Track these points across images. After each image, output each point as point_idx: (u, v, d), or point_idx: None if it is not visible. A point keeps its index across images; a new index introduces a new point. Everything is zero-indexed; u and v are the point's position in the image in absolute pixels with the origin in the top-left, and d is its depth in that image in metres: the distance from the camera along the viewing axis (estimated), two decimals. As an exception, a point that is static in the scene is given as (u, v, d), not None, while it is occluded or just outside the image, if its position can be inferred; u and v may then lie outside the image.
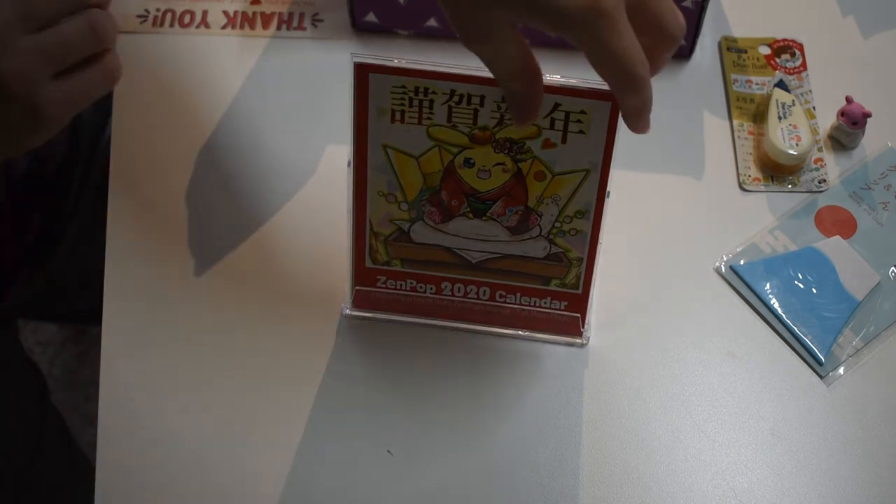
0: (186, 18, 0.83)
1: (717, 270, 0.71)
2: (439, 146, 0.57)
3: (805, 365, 0.67)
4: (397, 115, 0.56)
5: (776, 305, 0.69)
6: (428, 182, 0.59)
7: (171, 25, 0.83)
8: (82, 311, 0.97)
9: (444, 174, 0.58)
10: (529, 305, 0.64)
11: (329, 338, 0.67)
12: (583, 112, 0.55)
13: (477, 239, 0.61)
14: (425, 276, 0.63)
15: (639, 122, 0.53)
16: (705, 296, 0.70)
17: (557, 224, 0.60)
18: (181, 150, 0.76)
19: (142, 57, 0.81)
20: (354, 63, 0.55)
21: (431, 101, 0.56)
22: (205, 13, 0.84)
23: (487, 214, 0.60)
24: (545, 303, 0.64)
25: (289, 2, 0.84)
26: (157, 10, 0.84)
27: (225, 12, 0.84)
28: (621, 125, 0.55)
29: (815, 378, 0.67)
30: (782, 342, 0.68)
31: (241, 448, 0.64)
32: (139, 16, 0.83)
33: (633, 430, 0.65)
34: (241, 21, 0.83)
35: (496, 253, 0.61)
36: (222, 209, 0.73)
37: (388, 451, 0.64)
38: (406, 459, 0.64)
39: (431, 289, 0.64)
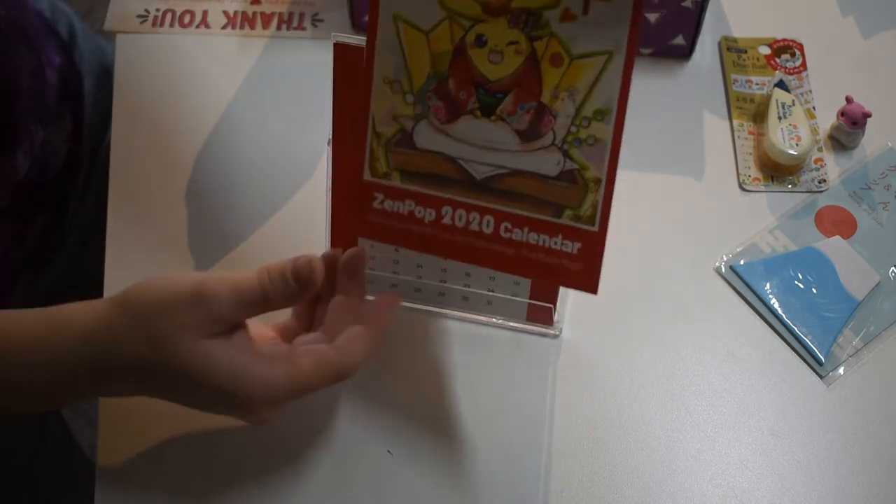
0: (186, 18, 0.83)
1: (717, 270, 0.71)
2: (451, 18, 0.52)
3: (805, 365, 0.67)
4: None
5: (776, 305, 0.69)
6: (436, 65, 0.54)
7: (171, 25, 0.83)
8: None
9: (454, 56, 0.53)
10: (538, 245, 0.56)
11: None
12: None
13: (483, 147, 0.55)
14: (426, 196, 0.57)
15: None
16: (705, 296, 0.70)
17: (573, 128, 0.53)
18: (181, 151, 0.76)
19: (142, 57, 0.81)
20: None
21: None
22: (205, 13, 0.84)
23: (497, 112, 0.54)
24: (556, 242, 0.56)
25: (289, 2, 0.84)
26: (157, 10, 0.84)
27: (225, 12, 0.84)
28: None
29: (815, 378, 0.67)
30: (782, 342, 0.68)
31: (240, 447, 0.64)
32: (139, 16, 0.83)
33: (632, 430, 0.65)
34: (241, 21, 0.83)
35: (503, 168, 0.55)
36: (222, 209, 0.73)
37: (388, 452, 0.64)
38: (404, 458, 0.64)
39: (431, 214, 0.57)
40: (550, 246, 0.56)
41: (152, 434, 0.65)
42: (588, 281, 0.57)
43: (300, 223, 0.72)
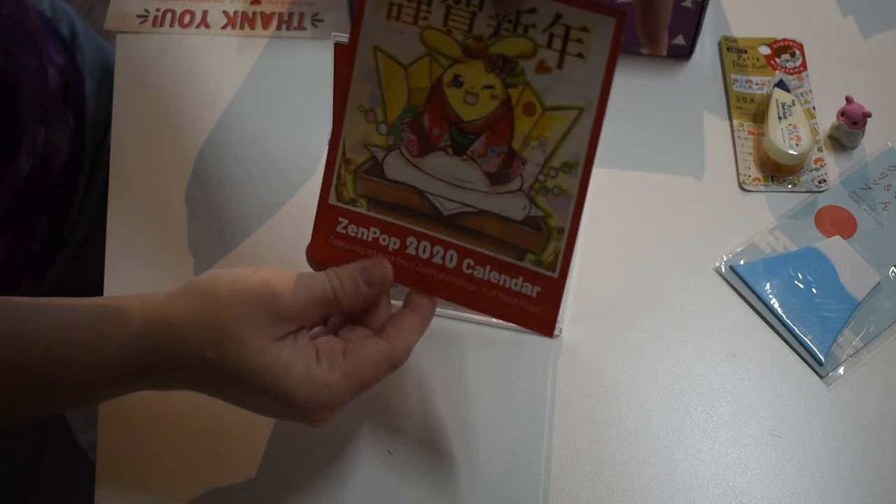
0: (186, 18, 0.83)
1: (717, 270, 0.71)
2: (430, 55, 0.54)
3: (805, 365, 0.67)
4: (394, 11, 0.53)
5: (776, 305, 0.69)
6: (412, 100, 0.55)
7: (171, 25, 0.83)
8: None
9: (430, 93, 0.54)
10: (498, 283, 0.57)
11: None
12: (584, 29, 0.51)
13: (452, 184, 0.56)
14: (390, 225, 0.57)
15: (658, 35, 0.51)
16: (705, 296, 0.70)
17: (541, 177, 0.54)
18: (181, 150, 0.76)
19: (142, 57, 0.82)
20: None
21: None
22: (205, 13, 0.84)
23: (468, 152, 0.55)
24: (516, 283, 0.56)
25: (289, 2, 0.84)
26: (157, 10, 0.84)
27: (225, 12, 0.84)
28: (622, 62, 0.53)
29: (815, 378, 0.67)
30: (782, 342, 0.68)
31: (240, 447, 0.64)
32: (139, 16, 0.83)
33: (632, 430, 0.65)
34: (241, 21, 0.83)
35: (471, 206, 0.56)
36: (222, 209, 0.73)
37: (388, 452, 0.64)
38: (404, 458, 0.64)
39: (395, 243, 0.57)
40: (511, 287, 0.57)
41: (152, 434, 0.65)
42: (545, 325, 0.57)
43: (300, 223, 0.72)
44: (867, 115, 0.75)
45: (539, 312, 0.57)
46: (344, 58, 0.55)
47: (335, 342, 0.56)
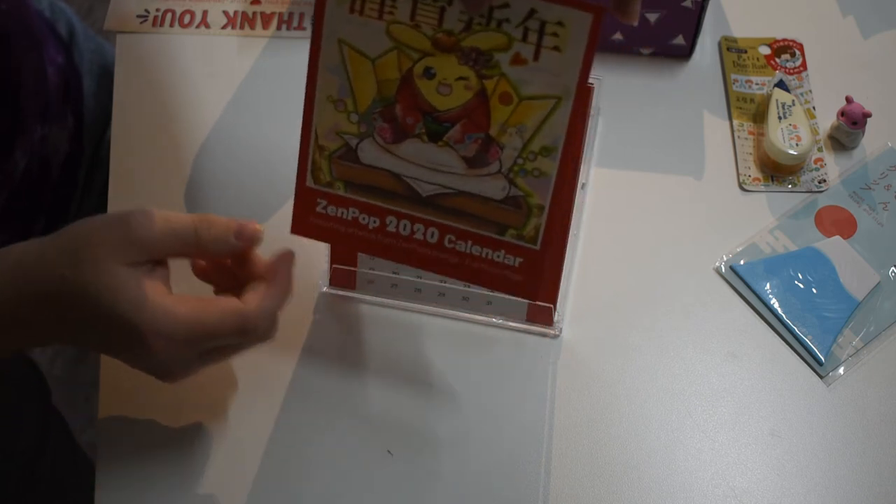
0: (186, 18, 0.83)
1: (717, 270, 0.71)
2: (398, 49, 0.52)
3: (805, 365, 0.67)
4: (357, 5, 0.52)
5: (776, 305, 0.69)
6: (382, 91, 0.54)
7: (171, 25, 0.83)
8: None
9: (401, 84, 0.53)
10: (480, 256, 0.57)
11: (323, 331, 0.68)
12: (560, 24, 0.50)
13: (429, 168, 0.55)
14: (369, 205, 0.57)
15: (630, 3, 0.51)
16: (705, 296, 0.70)
17: (520, 160, 0.54)
18: (181, 150, 0.76)
19: (142, 57, 0.81)
20: None
21: None
22: (205, 13, 0.84)
23: (444, 139, 0.54)
24: (498, 256, 0.57)
25: (288, 2, 0.84)
26: (157, 10, 0.84)
27: (225, 12, 0.84)
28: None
29: (815, 378, 0.67)
30: (782, 342, 0.68)
31: (241, 447, 0.64)
32: (139, 16, 0.83)
33: (632, 430, 0.65)
34: (241, 21, 0.83)
35: (449, 188, 0.56)
36: (222, 209, 0.73)
37: (388, 452, 0.64)
38: (404, 458, 0.64)
39: (375, 222, 0.57)
40: (493, 258, 0.57)
41: (152, 434, 0.65)
42: (529, 291, 0.58)
43: (300, 223, 0.72)
44: (867, 115, 0.75)
45: (522, 280, 0.57)
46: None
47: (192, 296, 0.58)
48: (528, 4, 0.50)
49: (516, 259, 0.56)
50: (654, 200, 0.74)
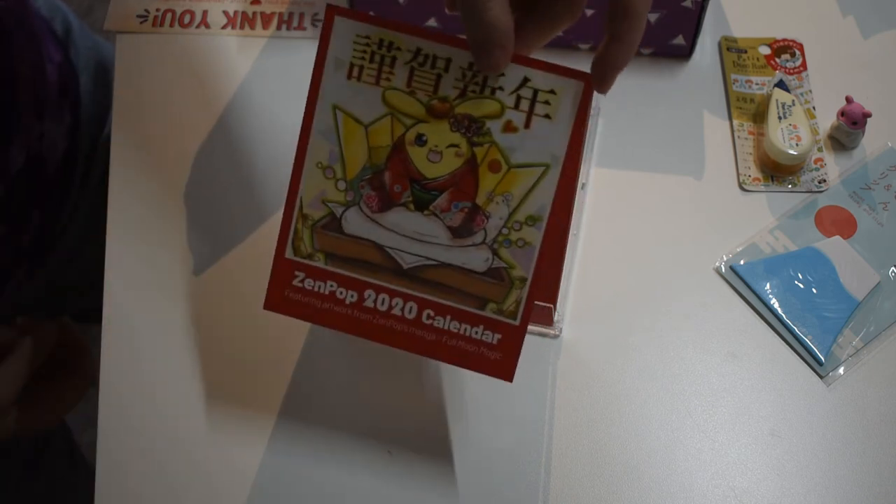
0: (186, 18, 0.83)
1: (717, 270, 0.71)
2: (393, 115, 0.53)
3: (805, 365, 0.67)
4: (355, 71, 0.53)
5: (776, 305, 0.69)
6: (373, 158, 0.54)
7: (171, 25, 0.83)
8: (82, 311, 0.97)
9: (392, 151, 0.54)
10: (458, 332, 0.56)
11: (323, 331, 0.68)
12: (552, 92, 0.52)
13: (413, 238, 0.55)
14: (348, 279, 0.56)
15: (607, 77, 0.51)
16: (705, 296, 0.70)
17: (505, 230, 0.54)
18: (181, 150, 0.76)
19: (142, 57, 0.81)
20: (326, 4, 0.54)
21: (394, 59, 0.52)
22: (205, 13, 0.84)
23: (430, 208, 0.54)
24: (476, 332, 0.56)
25: (288, 2, 0.84)
26: (157, 10, 0.84)
27: (225, 12, 0.84)
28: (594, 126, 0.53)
29: (815, 378, 0.67)
30: (782, 342, 0.68)
31: (241, 447, 0.64)
32: (139, 16, 0.83)
33: (632, 430, 0.65)
34: (241, 21, 0.83)
35: (431, 259, 0.55)
36: (222, 208, 0.73)
37: (388, 452, 0.64)
38: (404, 458, 0.64)
39: (353, 296, 0.57)
40: (471, 335, 0.56)
41: (152, 434, 0.65)
42: (505, 370, 0.56)
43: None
44: (867, 115, 0.75)
45: (499, 359, 0.56)
46: (328, 27, 0.54)
47: None
48: (522, 73, 0.51)
49: (495, 336, 0.56)
50: (654, 200, 0.74)
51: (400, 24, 0.52)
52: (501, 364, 0.56)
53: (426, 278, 0.56)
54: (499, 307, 0.56)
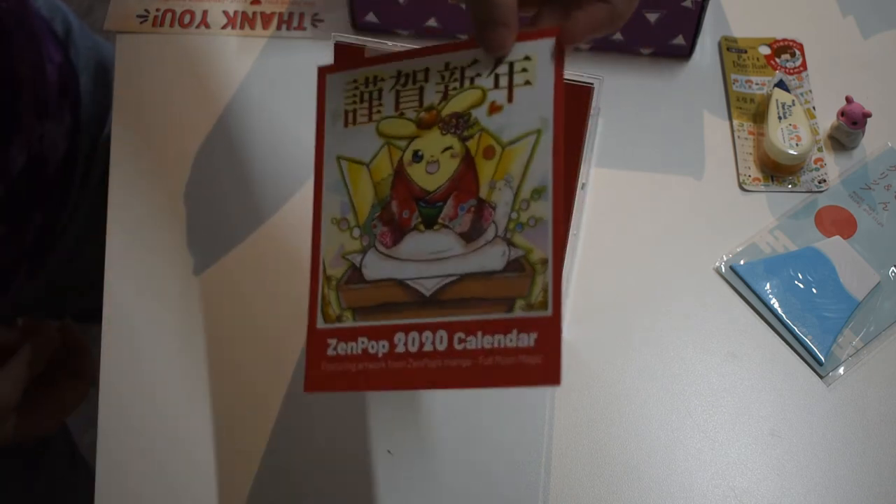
0: (186, 18, 0.83)
1: (717, 270, 0.71)
2: (388, 144, 0.54)
3: (805, 365, 0.67)
4: (350, 117, 0.55)
5: (776, 305, 0.69)
6: (378, 193, 0.55)
7: (171, 25, 0.83)
8: (82, 311, 0.97)
9: (394, 178, 0.54)
10: (493, 348, 0.53)
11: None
12: (527, 58, 0.52)
13: (430, 260, 0.55)
14: (376, 329, 0.55)
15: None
16: (705, 296, 0.70)
17: (514, 215, 0.53)
18: (181, 150, 0.76)
19: (142, 57, 0.81)
20: (317, 67, 0.56)
21: (380, 91, 0.54)
22: (205, 13, 0.84)
23: (439, 221, 0.54)
24: (510, 340, 0.53)
25: (288, 2, 0.84)
26: (157, 10, 0.84)
27: (225, 12, 0.84)
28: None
29: (815, 378, 0.67)
30: (782, 342, 0.68)
31: (240, 447, 0.64)
32: (139, 16, 0.83)
33: (632, 430, 0.65)
34: (241, 21, 0.83)
35: (451, 275, 0.54)
36: (222, 208, 0.73)
37: (388, 451, 0.64)
38: (404, 458, 0.64)
39: (384, 346, 0.55)
40: (506, 345, 0.53)
41: (152, 434, 0.65)
42: (550, 374, 0.52)
43: (299, 223, 0.72)
44: (867, 115, 0.75)
45: (541, 363, 0.53)
46: (322, 87, 0.57)
47: None
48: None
49: (531, 336, 0.52)
50: (654, 200, 0.74)
51: (377, 57, 0.54)
52: (544, 368, 0.52)
53: (449, 298, 0.54)
54: (527, 301, 0.53)
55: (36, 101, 0.76)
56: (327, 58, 0.60)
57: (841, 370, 0.67)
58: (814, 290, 0.69)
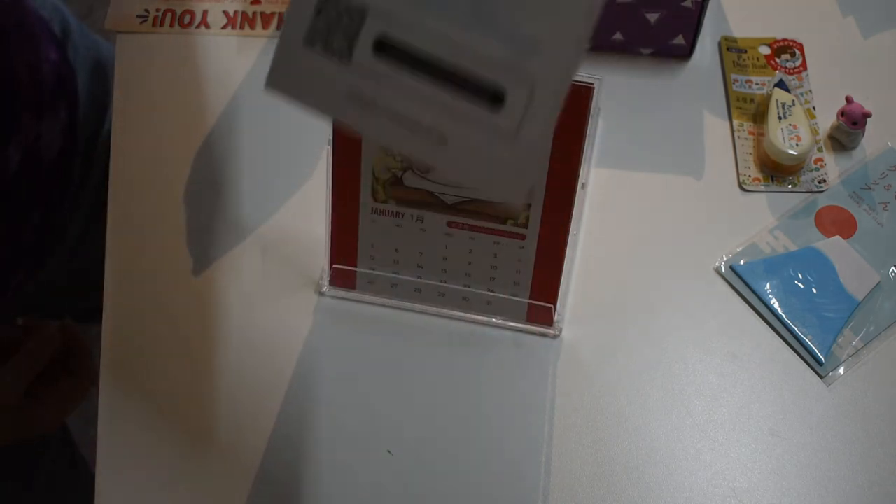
0: (186, 18, 0.83)
1: (717, 270, 0.71)
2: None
3: (805, 365, 0.67)
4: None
5: (776, 305, 0.69)
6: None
7: (172, 25, 0.83)
8: (82, 311, 0.97)
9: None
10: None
11: (323, 332, 0.68)
12: None
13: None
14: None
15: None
16: (705, 296, 0.70)
17: None
18: (181, 150, 0.76)
19: (142, 57, 0.81)
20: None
21: None
22: (205, 13, 0.84)
23: None
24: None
25: (289, 2, 0.84)
26: (157, 10, 0.84)
27: (225, 12, 0.84)
28: None
29: (815, 378, 0.67)
30: (782, 342, 0.68)
31: (240, 447, 0.64)
32: (139, 16, 0.83)
33: (632, 430, 0.65)
34: (241, 21, 0.83)
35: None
36: (222, 208, 0.73)
37: (388, 452, 0.64)
38: (401, 458, 0.64)
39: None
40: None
41: (152, 434, 0.65)
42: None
43: (299, 223, 0.72)
44: (867, 115, 0.75)
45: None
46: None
47: None
48: None
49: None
50: (654, 200, 0.74)
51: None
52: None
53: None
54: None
55: (32, 101, 0.76)
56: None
57: (841, 370, 0.67)
58: (814, 290, 0.69)
